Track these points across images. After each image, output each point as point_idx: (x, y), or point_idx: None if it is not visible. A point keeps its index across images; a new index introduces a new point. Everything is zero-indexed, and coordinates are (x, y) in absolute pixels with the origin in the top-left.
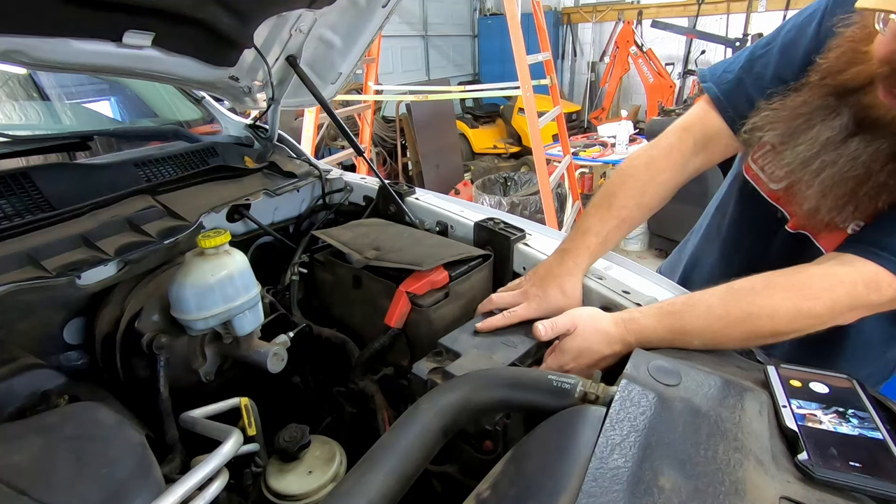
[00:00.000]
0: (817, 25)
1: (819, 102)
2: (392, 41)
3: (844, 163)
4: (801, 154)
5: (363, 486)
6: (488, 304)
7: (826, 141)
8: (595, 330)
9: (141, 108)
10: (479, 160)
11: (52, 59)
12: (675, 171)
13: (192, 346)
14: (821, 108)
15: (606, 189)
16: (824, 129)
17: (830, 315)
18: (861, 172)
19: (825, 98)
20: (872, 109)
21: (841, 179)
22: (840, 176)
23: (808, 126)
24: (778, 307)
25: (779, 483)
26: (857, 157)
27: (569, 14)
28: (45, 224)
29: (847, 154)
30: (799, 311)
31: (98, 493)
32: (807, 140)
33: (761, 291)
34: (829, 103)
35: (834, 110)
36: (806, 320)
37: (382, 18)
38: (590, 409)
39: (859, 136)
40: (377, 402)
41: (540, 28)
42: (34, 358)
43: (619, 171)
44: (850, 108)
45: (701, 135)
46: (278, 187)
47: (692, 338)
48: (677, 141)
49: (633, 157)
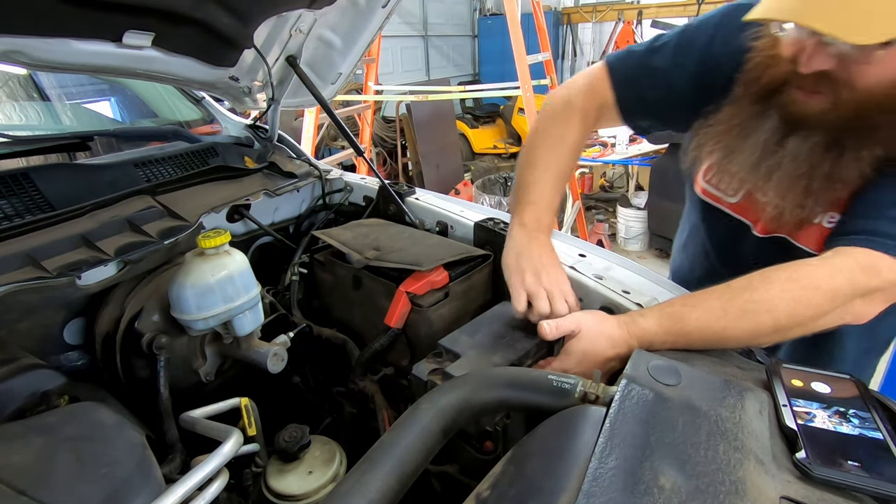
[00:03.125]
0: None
1: (749, 111)
2: (392, 41)
3: (788, 163)
4: (746, 162)
5: (363, 486)
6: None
7: (764, 144)
8: (599, 333)
9: (141, 108)
10: (479, 160)
11: (52, 59)
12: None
13: (192, 347)
14: (751, 115)
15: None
16: (760, 133)
17: (832, 305)
18: (807, 168)
19: (753, 105)
20: (793, 106)
21: (792, 179)
22: (790, 176)
23: (745, 134)
24: (776, 300)
25: (779, 483)
26: (798, 154)
27: (569, 14)
28: (45, 224)
29: (788, 154)
30: (798, 303)
31: (98, 493)
32: (747, 148)
33: (758, 287)
34: (758, 109)
35: (763, 114)
36: (806, 311)
37: (382, 18)
38: (590, 409)
39: (793, 134)
40: (377, 402)
41: (540, 28)
42: (34, 358)
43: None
44: (776, 110)
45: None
46: (278, 187)
47: (693, 338)
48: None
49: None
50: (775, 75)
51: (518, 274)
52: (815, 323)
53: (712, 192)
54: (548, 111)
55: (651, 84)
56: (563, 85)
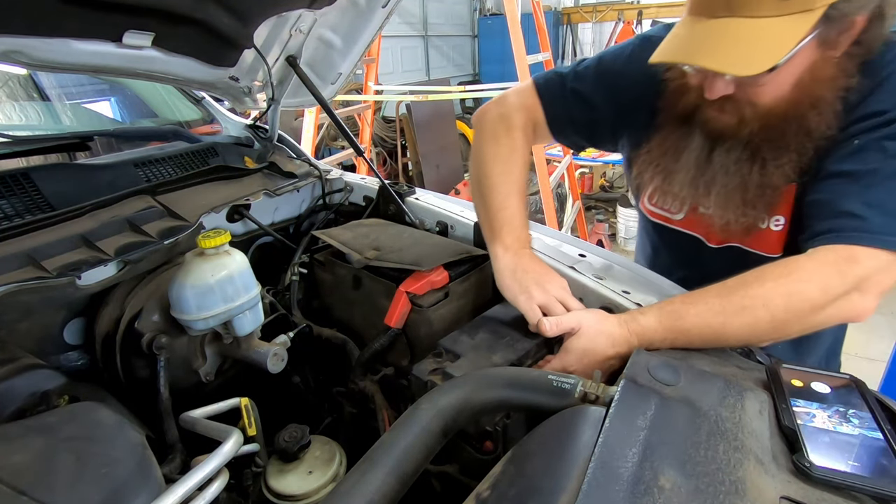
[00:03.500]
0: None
1: (675, 133)
2: (392, 41)
3: (722, 177)
4: (684, 181)
5: (363, 486)
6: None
7: (696, 161)
8: (599, 331)
9: (141, 108)
10: None
11: (52, 59)
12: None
13: (192, 347)
14: (678, 136)
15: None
16: (690, 152)
17: (825, 297)
18: (739, 181)
19: (678, 128)
20: (710, 123)
21: (728, 192)
22: (726, 189)
23: (678, 155)
24: (771, 294)
25: (779, 482)
26: (726, 167)
27: (569, 14)
28: (45, 224)
29: (719, 169)
30: (792, 296)
31: (98, 494)
32: (682, 167)
33: (752, 283)
34: (683, 130)
35: (688, 134)
36: (802, 304)
37: (382, 18)
38: (590, 409)
39: (718, 148)
40: (377, 402)
41: (540, 28)
42: (34, 358)
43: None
44: (698, 128)
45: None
46: (278, 187)
47: (692, 336)
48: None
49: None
50: (689, 98)
51: (524, 292)
52: (814, 317)
53: (659, 213)
54: (488, 130)
55: (576, 106)
56: (493, 102)
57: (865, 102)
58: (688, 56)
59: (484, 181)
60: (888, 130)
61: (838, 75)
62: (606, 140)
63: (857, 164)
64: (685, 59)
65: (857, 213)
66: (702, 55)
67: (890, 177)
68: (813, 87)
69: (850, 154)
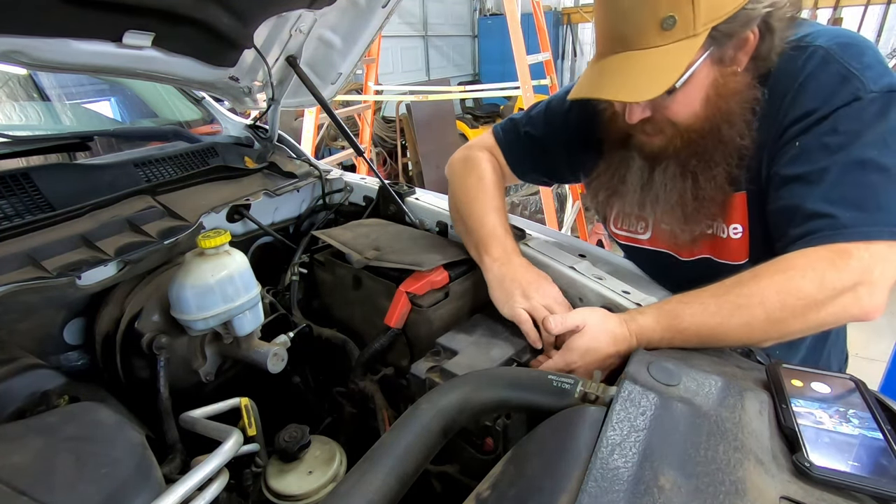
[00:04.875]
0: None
1: (616, 157)
2: (392, 41)
3: (663, 194)
4: (633, 201)
5: (363, 486)
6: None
7: (639, 183)
8: (602, 330)
9: (141, 108)
10: None
11: (52, 59)
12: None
13: (192, 347)
14: (620, 161)
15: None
16: (632, 174)
17: (822, 294)
18: (676, 196)
19: (618, 152)
20: (643, 146)
21: (671, 207)
22: (669, 204)
23: (623, 177)
24: (766, 292)
25: (779, 483)
26: (665, 184)
27: (569, 14)
28: (45, 224)
29: (658, 186)
30: (788, 293)
31: (98, 494)
32: (629, 189)
33: (748, 282)
34: (623, 154)
35: (628, 157)
36: (797, 301)
37: (382, 19)
38: (590, 409)
39: (656, 167)
40: (377, 402)
41: (540, 28)
42: (34, 358)
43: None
44: (635, 151)
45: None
46: (278, 187)
47: (689, 335)
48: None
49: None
50: (620, 128)
51: (508, 301)
52: (816, 315)
53: (626, 235)
54: (457, 172)
55: (531, 149)
56: (458, 151)
57: (793, 106)
58: (592, 90)
59: (462, 209)
60: (823, 127)
61: (742, 88)
62: (566, 175)
63: (805, 165)
64: (591, 94)
65: (825, 213)
66: (603, 88)
67: (843, 171)
68: (720, 102)
69: (795, 157)
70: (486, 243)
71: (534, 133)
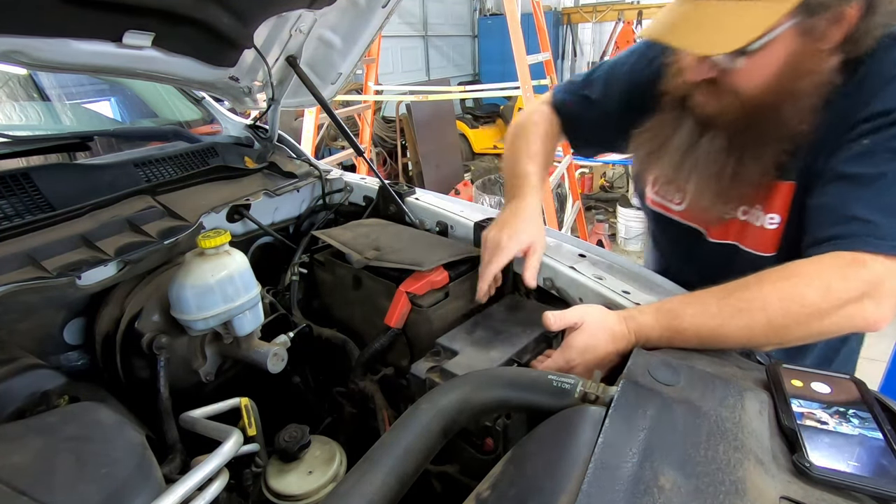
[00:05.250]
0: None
1: (669, 116)
2: (392, 41)
3: (703, 162)
4: (671, 163)
5: (363, 486)
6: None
7: (685, 145)
8: (601, 327)
9: (141, 108)
10: (479, 160)
11: (52, 59)
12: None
13: (192, 347)
14: (671, 120)
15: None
16: (680, 135)
17: (827, 303)
18: (717, 168)
19: (673, 111)
20: (698, 108)
21: (706, 178)
22: (705, 175)
23: (670, 137)
24: (769, 298)
25: (779, 483)
26: (709, 154)
27: (569, 14)
28: (45, 224)
29: (702, 153)
30: (791, 300)
31: (98, 494)
32: (672, 149)
33: (752, 286)
34: (676, 114)
35: (680, 118)
36: (801, 308)
37: (382, 18)
38: (590, 409)
39: (705, 134)
40: (377, 402)
41: (540, 28)
42: (34, 358)
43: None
44: (689, 113)
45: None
46: (278, 187)
47: (689, 336)
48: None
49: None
50: (681, 83)
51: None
52: (819, 324)
53: (660, 202)
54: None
55: (588, 113)
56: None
57: (875, 101)
58: (664, 34)
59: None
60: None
61: (822, 70)
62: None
63: (865, 166)
64: (660, 37)
65: (866, 219)
66: (675, 34)
67: None
68: (793, 79)
69: (857, 156)
70: (512, 190)
71: (591, 94)
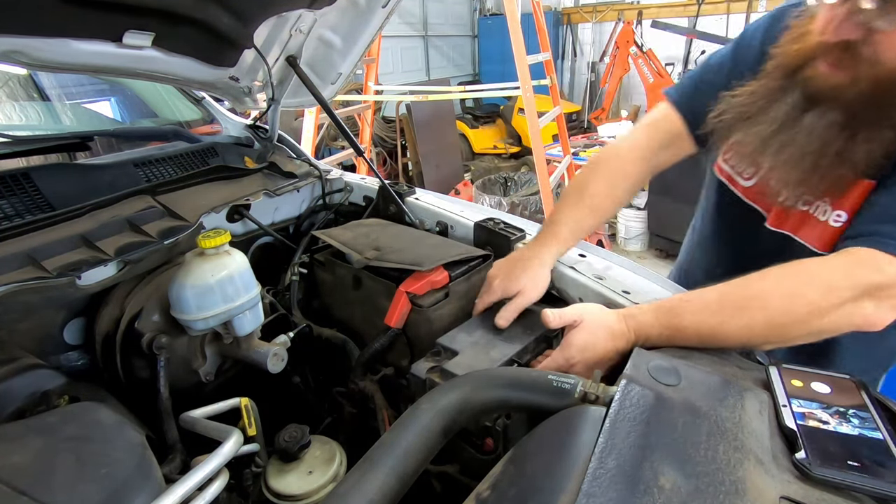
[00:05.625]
0: (761, 35)
1: (774, 84)
2: (392, 41)
3: (802, 138)
4: (761, 133)
5: (363, 486)
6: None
7: (782, 119)
8: (600, 324)
9: (141, 108)
10: (479, 160)
11: (52, 59)
12: (642, 163)
13: (192, 347)
14: (776, 89)
15: (577, 180)
16: (779, 107)
17: (828, 302)
18: (819, 145)
19: (778, 80)
20: (815, 81)
21: (802, 154)
22: (801, 151)
23: (766, 107)
24: (770, 296)
25: (779, 483)
26: (813, 130)
27: (569, 14)
28: (45, 224)
29: (803, 130)
30: (792, 298)
31: (98, 494)
32: (765, 120)
33: (754, 283)
34: (782, 84)
35: (786, 90)
36: (801, 308)
37: (382, 19)
38: (590, 409)
39: (811, 111)
40: (377, 402)
41: (540, 28)
42: (34, 358)
43: (589, 164)
44: (798, 86)
45: (665, 132)
46: (278, 187)
47: (689, 333)
48: (644, 137)
49: (602, 151)
50: (803, 49)
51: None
52: (818, 322)
53: (728, 173)
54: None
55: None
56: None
57: None
58: None
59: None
60: None
61: None
62: None
63: None
64: None
65: None
66: None
67: None
68: None
69: None
70: (541, 230)
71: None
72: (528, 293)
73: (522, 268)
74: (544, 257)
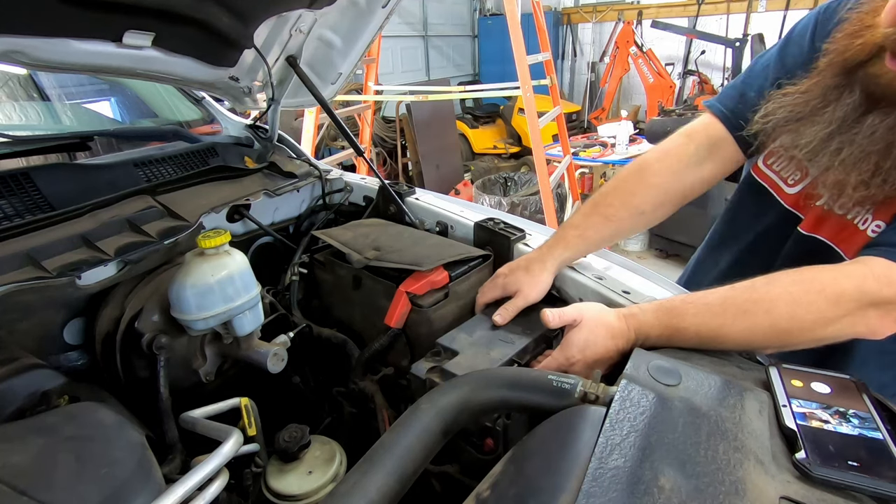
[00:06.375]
0: (811, 32)
1: (830, 83)
2: (392, 41)
3: (862, 139)
4: (818, 133)
5: (363, 486)
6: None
7: (842, 119)
8: (600, 323)
9: (141, 108)
10: (479, 160)
11: (52, 59)
12: (669, 174)
13: (192, 347)
14: (832, 87)
15: (600, 189)
16: (838, 107)
17: (835, 311)
18: (882, 146)
19: (835, 78)
20: (880, 79)
21: (863, 154)
22: (861, 151)
23: (822, 107)
24: (776, 301)
25: (779, 483)
26: (875, 131)
27: (569, 14)
28: (45, 224)
29: (864, 131)
30: (798, 305)
31: (98, 494)
32: (822, 120)
33: (760, 288)
34: (840, 82)
35: (845, 88)
36: (807, 315)
37: (382, 18)
38: (590, 409)
39: (874, 111)
40: (377, 402)
41: (540, 28)
42: (34, 358)
43: (617, 174)
44: (859, 84)
45: (705, 141)
46: (278, 187)
47: (689, 334)
48: (674, 146)
49: (633, 162)
50: (866, 44)
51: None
52: (822, 330)
53: (771, 177)
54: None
55: (753, 102)
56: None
57: None
58: None
59: (589, 200)
60: None
61: None
62: None
63: None
64: None
65: None
66: None
67: None
68: None
69: None
70: (558, 229)
71: (758, 83)
72: (527, 293)
73: (525, 269)
74: (547, 260)
